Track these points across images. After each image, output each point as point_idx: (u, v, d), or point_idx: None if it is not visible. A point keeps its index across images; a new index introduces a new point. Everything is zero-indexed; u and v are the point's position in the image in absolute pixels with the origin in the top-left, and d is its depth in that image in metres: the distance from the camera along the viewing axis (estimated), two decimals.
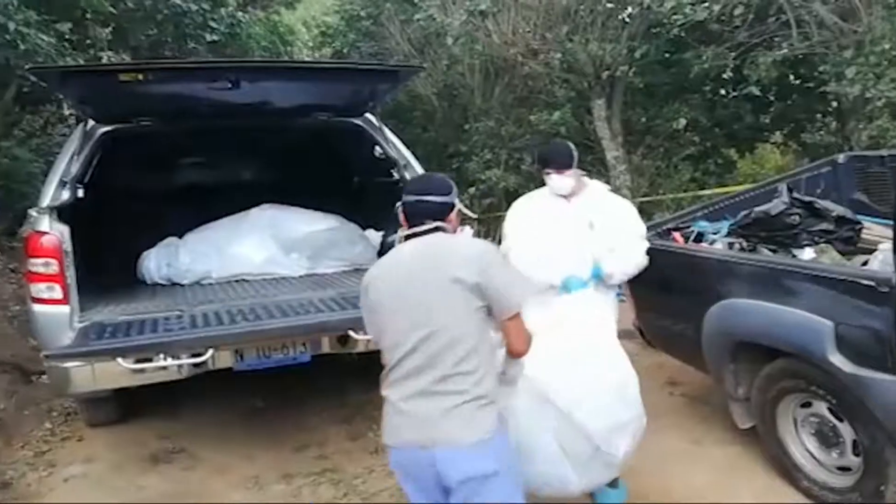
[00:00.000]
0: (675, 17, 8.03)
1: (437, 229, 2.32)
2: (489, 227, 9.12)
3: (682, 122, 9.97)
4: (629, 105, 10.56)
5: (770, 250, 3.91)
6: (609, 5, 9.75)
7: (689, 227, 4.34)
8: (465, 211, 2.51)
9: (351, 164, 4.62)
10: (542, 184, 3.50)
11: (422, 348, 2.17)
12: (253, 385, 4.84)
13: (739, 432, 3.81)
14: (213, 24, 10.52)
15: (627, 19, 9.65)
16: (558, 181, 3.40)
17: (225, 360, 3.52)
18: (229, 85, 3.61)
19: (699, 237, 4.22)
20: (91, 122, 3.90)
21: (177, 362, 3.22)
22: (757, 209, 4.00)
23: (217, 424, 4.57)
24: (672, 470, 3.70)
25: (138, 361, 3.18)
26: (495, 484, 2.17)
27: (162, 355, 3.15)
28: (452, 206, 2.38)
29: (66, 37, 6.11)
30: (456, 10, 9.81)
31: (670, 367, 5.02)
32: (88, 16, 7.24)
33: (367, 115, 4.30)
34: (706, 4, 7.98)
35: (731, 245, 4.03)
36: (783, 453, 3.46)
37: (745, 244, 4.02)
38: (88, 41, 8.58)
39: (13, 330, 6.01)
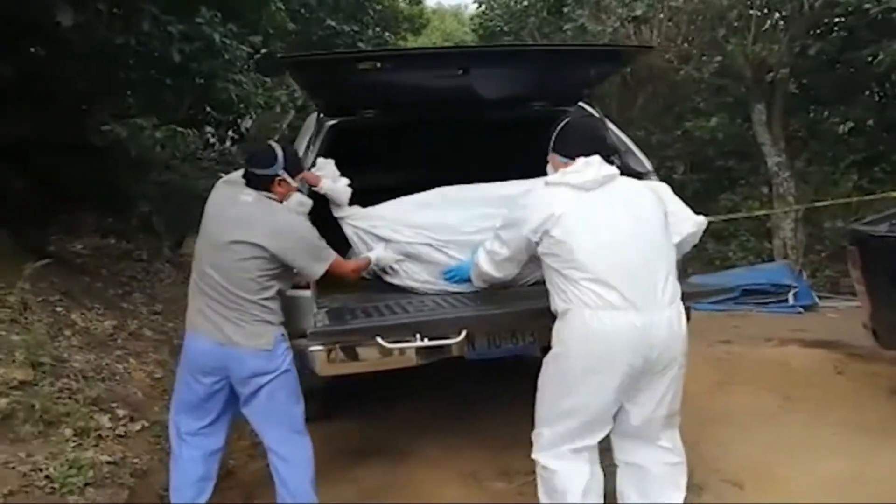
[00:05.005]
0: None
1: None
2: None
3: (849, 125, 9.39)
4: (789, 110, 10.03)
5: None
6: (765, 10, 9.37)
7: None
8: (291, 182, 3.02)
9: None
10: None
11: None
12: (460, 379, 4.78)
13: None
14: (360, 45, 11.09)
15: (784, 22, 9.23)
16: None
17: (459, 347, 3.43)
18: (459, 72, 3.60)
19: None
20: (321, 114, 3.99)
21: (428, 343, 3.14)
22: None
23: (421, 420, 4.51)
24: None
25: (392, 343, 3.12)
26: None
27: (418, 335, 3.09)
28: (274, 177, 2.96)
29: (258, 49, 6.47)
30: (608, 17, 9.68)
31: (892, 376, 4.62)
32: (271, 31, 7.64)
33: (581, 103, 4.20)
34: None
35: None
36: None
37: None
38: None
39: None
